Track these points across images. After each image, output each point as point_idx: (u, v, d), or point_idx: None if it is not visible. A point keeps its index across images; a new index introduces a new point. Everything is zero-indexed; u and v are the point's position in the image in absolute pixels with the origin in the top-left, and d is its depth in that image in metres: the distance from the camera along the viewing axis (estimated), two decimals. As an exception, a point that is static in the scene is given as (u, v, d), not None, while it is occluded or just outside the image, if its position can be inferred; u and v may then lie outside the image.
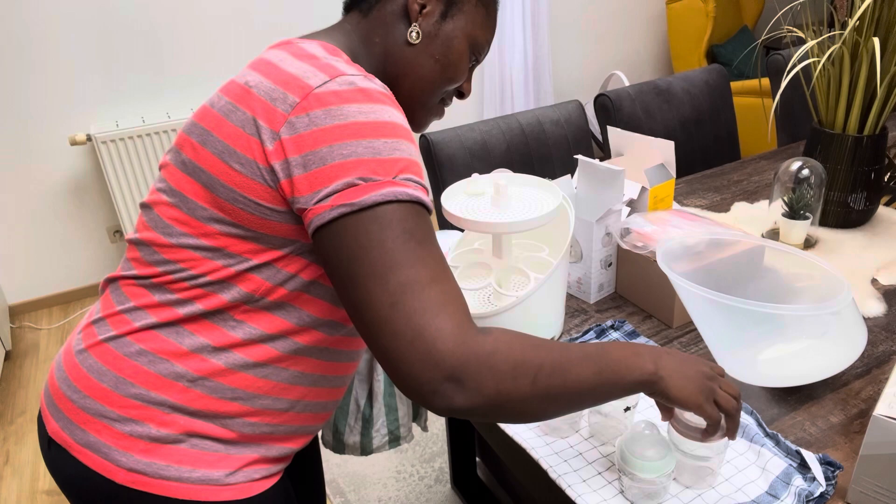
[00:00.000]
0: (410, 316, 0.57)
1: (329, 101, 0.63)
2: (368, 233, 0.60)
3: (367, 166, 0.61)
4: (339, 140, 0.61)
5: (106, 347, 0.72)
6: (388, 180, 0.62)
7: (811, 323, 0.86)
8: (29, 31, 2.42)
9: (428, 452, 1.94)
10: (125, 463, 0.69)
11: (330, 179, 0.61)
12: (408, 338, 0.57)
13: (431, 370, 0.56)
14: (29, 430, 2.14)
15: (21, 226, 2.65)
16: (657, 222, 1.13)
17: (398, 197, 0.61)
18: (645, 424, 0.75)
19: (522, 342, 0.61)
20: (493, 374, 0.58)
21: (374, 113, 0.63)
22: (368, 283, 0.59)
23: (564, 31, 3.53)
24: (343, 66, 0.66)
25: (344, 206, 0.60)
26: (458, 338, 0.57)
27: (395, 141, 0.63)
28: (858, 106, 1.27)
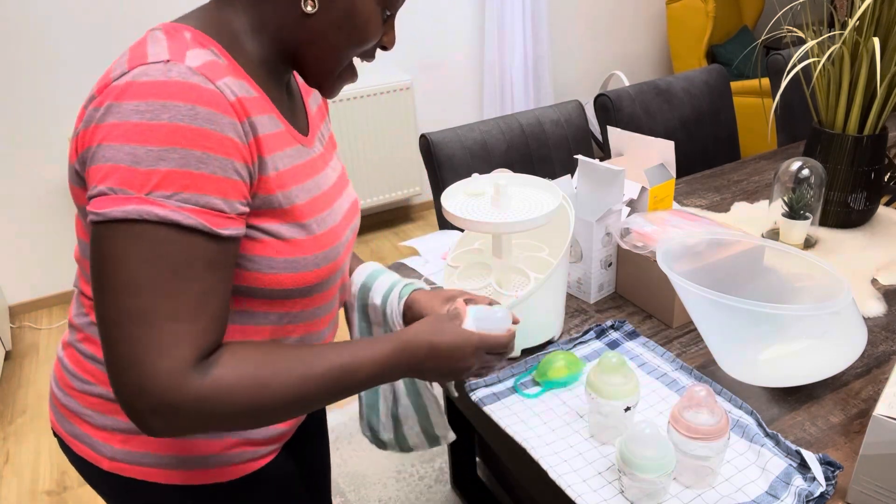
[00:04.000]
0: (132, 344, 0.56)
1: (112, 96, 0.57)
2: (114, 246, 0.56)
3: (120, 175, 0.55)
4: (106, 140, 0.56)
5: (71, 351, 0.76)
6: (138, 196, 0.55)
7: (811, 323, 0.86)
8: (29, 31, 2.42)
9: (428, 452, 1.94)
10: (106, 452, 0.73)
11: (91, 180, 0.58)
12: (123, 364, 0.56)
13: (139, 402, 0.56)
14: (29, 430, 2.14)
15: (21, 226, 2.65)
16: (657, 222, 1.13)
17: (144, 216, 0.55)
18: (645, 424, 0.75)
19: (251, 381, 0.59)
20: (201, 418, 0.58)
21: (152, 112, 0.56)
22: (107, 296, 0.56)
23: (564, 31, 3.53)
24: (156, 52, 0.59)
25: (93, 214, 0.57)
26: (173, 381, 0.56)
27: (162, 150, 0.55)
28: (858, 106, 1.27)
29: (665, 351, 1.02)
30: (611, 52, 3.73)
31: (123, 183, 0.56)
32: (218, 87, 0.59)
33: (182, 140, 0.56)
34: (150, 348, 0.56)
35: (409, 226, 3.32)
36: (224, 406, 0.58)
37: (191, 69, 0.58)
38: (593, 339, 1.07)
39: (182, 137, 0.56)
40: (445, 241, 1.42)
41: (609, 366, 0.83)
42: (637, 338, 1.06)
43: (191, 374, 0.57)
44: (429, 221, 3.35)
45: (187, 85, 0.57)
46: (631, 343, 1.05)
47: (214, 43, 0.64)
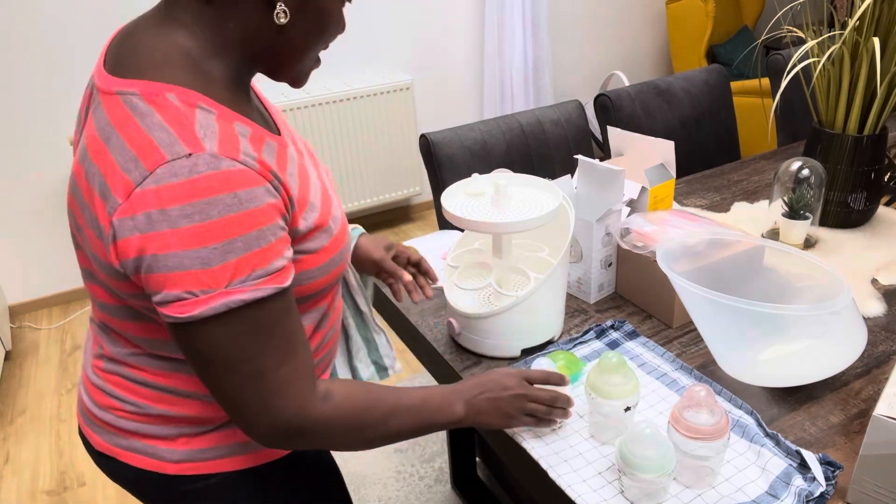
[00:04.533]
0: (256, 397, 0.64)
1: (150, 203, 0.56)
2: (212, 338, 0.61)
3: (195, 279, 0.57)
4: (165, 250, 0.57)
5: (115, 378, 0.76)
6: (220, 291, 0.58)
7: (811, 323, 0.86)
8: (29, 32, 2.42)
9: (428, 452, 1.94)
10: (171, 457, 0.76)
11: (159, 287, 0.58)
12: (252, 411, 0.65)
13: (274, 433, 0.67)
14: (29, 430, 2.14)
15: (21, 226, 2.65)
16: (657, 222, 1.13)
17: (231, 307, 0.59)
18: (645, 424, 0.75)
19: (359, 404, 0.71)
20: (326, 436, 0.69)
21: (200, 213, 0.56)
22: (220, 375, 0.63)
23: (564, 31, 3.53)
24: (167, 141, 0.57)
25: (176, 318, 0.59)
26: (300, 410, 0.66)
27: (225, 244, 0.57)
28: (858, 106, 1.27)
29: (665, 351, 1.02)
30: (611, 52, 3.73)
31: (202, 285, 0.58)
32: (244, 163, 0.60)
33: (238, 229, 0.58)
34: (273, 395, 0.64)
35: (409, 226, 3.32)
36: (342, 426, 0.69)
37: (215, 156, 0.58)
38: (593, 339, 1.07)
39: (238, 226, 0.58)
40: (445, 241, 1.41)
41: (609, 366, 0.83)
42: (637, 338, 1.06)
43: (311, 401, 0.67)
44: (429, 221, 3.35)
45: (220, 175, 0.57)
46: (631, 343, 1.05)
47: (196, 95, 0.61)
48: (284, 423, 0.66)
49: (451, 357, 1.05)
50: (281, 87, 2.91)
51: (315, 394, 0.68)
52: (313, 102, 2.84)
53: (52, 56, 2.48)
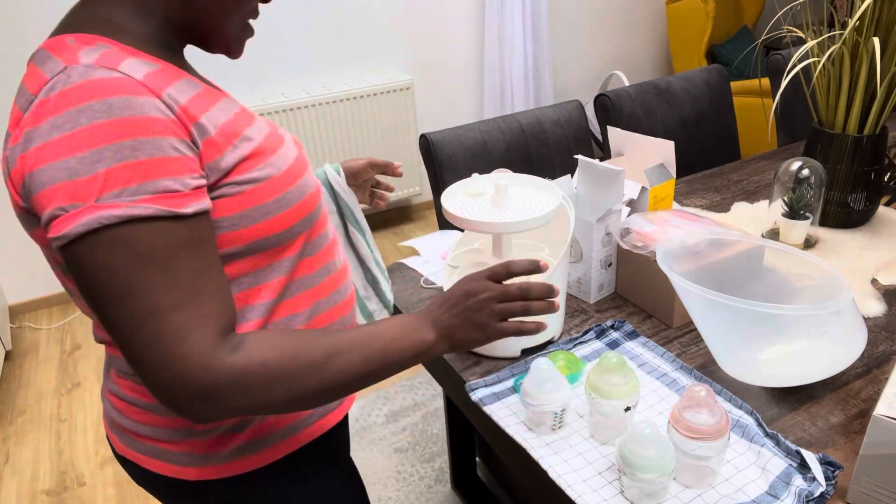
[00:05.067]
0: (151, 345, 0.57)
1: (30, 122, 0.57)
2: (89, 261, 0.56)
3: (63, 193, 0.55)
4: (37, 165, 0.56)
5: (127, 382, 0.75)
6: (90, 205, 0.55)
7: (811, 323, 0.86)
8: (29, 32, 2.42)
9: (428, 452, 1.94)
10: (186, 461, 0.74)
11: (39, 209, 0.57)
12: (152, 364, 0.57)
13: (179, 392, 0.57)
14: (29, 429, 2.14)
15: (21, 226, 2.65)
16: (657, 222, 1.13)
17: (103, 222, 0.55)
18: (645, 424, 0.75)
19: (279, 352, 0.61)
20: (243, 391, 0.59)
21: (69, 121, 0.55)
22: (106, 309, 0.57)
23: (564, 31, 3.53)
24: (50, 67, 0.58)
25: (56, 239, 0.56)
26: (204, 362, 0.57)
27: (93, 152, 0.55)
28: (858, 106, 1.27)
29: (665, 351, 1.02)
30: (611, 52, 3.73)
31: (70, 198, 0.55)
32: (121, 72, 0.58)
33: (107, 136, 0.55)
34: (167, 342, 0.57)
35: (409, 226, 3.32)
36: (260, 378, 0.60)
37: (88, 66, 0.57)
38: (593, 339, 1.07)
39: (106, 134, 0.55)
40: (445, 241, 1.42)
41: (609, 366, 0.83)
42: (637, 338, 1.06)
43: (218, 351, 0.58)
44: (429, 221, 3.35)
45: (91, 82, 0.56)
46: (631, 343, 1.05)
47: (99, 38, 0.62)
48: (188, 380, 0.57)
49: (451, 357, 1.05)
50: (281, 88, 2.91)
51: (223, 344, 0.59)
52: (313, 102, 2.84)
53: (52, 56, 2.48)
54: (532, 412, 0.87)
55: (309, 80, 2.97)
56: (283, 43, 2.85)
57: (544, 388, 0.85)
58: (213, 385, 0.58)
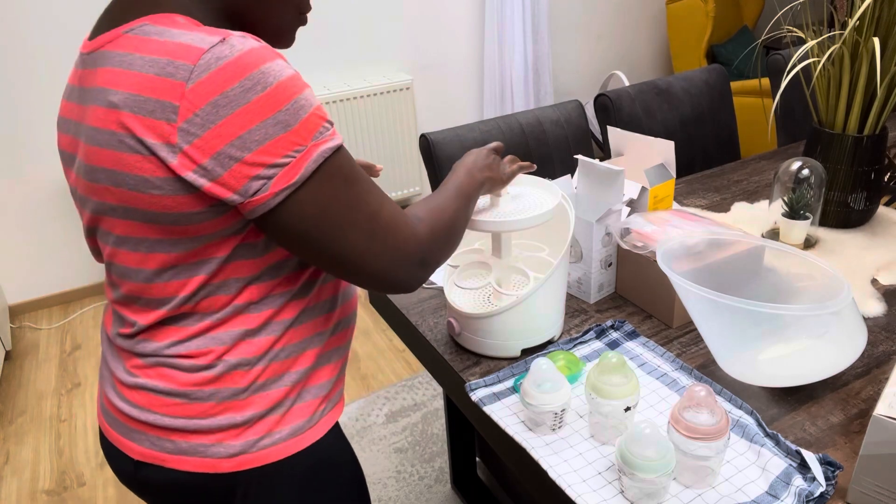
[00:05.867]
0: (384, 239, 0.69)
1: (210, 92, 0.59)
2: (319, 200, 0.64)
3: (284, 143, 0.61)
4: (242, 129, 0.60)
5: (161, 370, 0.74)
6: (310, 145, 0.63)
7: (811, 323, 0.86)
8: (29, 32, 2.42)
9: (428, 452, 1.94)
10: (224, 452, 0.74)
11: (256, 168, 0.61)
12: (384, 254, 0.69)
13: (410, 269, 0.71)
14: (29, 430, 2.15)
15: (21, 226, 2.65)
16: (657, 222, 1.13)
17: (324, 156, 0.64)
18: (645, 424, 0.75)
19: (435, 213, 0.77)
20: (440, 248, 0.76)
21: (261, 83, 0.60)
22: (335, 230, 0.66)
23: (564, 31, 3.53)
24: (196, 39, 0.61)
25: (285, 190, 0.62)
26: (415, 237, 0.72)
27: (293, 102, 0.61)
28: (858, 106, 1.27)
29: (665, 351, 1.02)
30: (611, 52, 3.73)
31: (293, 145, 0.62)
32: (262, 43, 0.63)
33: (294, 90, 0.62)
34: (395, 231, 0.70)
35: (409, 226, 3.31)
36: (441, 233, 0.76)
37: (243, 36, 0.62)
38: (593, 339, 1.07)
39: (293, 87, 0.62)
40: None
41: (609, 366, 0.83)
42: (637, 338, 1.06)
43: (417, 226, 0.73)
44: (429, 221, 3.35)
45: (255, 50, 0.61)
46: (631, 343, 1.05)
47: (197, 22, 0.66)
48: (411, 255, 0.71)
49: (451, 357, 1.05)
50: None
51: (413, 221, 0.73)
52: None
53: (53, 56, 2.48)
54: (532, 412, 0.87)
55: (309, 80, 2.97)
56: (283, 43, 2.85)
57: (544, 388, 0.85)
58: (426, 252, 0.73)
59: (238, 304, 0.72)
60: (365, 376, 2.28)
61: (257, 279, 0.72)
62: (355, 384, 2.25)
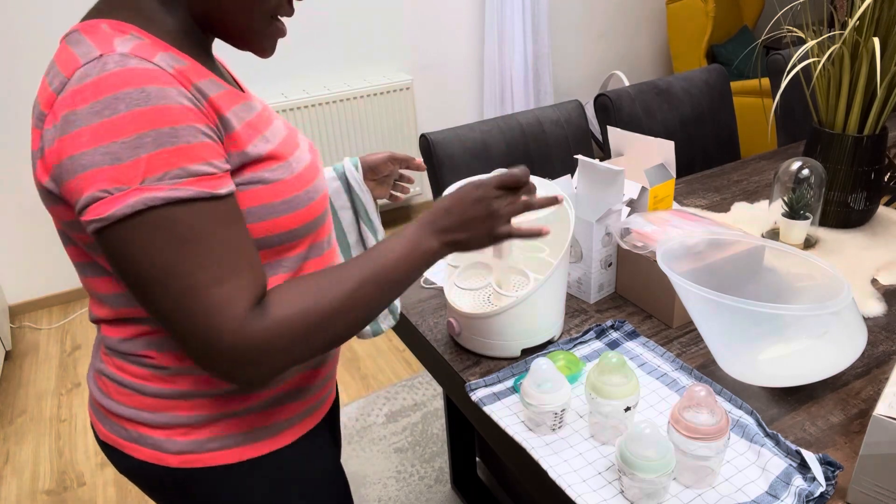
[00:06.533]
0: (193, 320, 0.60)
1: (64, 106, 0.58)
2: (132, 243, 0.58)
3: (107, 176, 0.57)
4: (77, 150, 0.57)
5: (113, 360, 0.76)
6: (135, 188, 0.57)
7: (811, 323, 0.86)
8: (28, 32, 2.42)
9: (428, 452, 1.94)
10: (172, 448, 0.75)
11: (78, 192, 0.58)
12: (192, 338, 0.61)
13: (223, 362, 0.62)
14: (29, 429, 2.14)
15: (21, 226, 2.65)
16: (657, 222, 1.13)
17: (148, 204, 0.57)
18: (645, 424, 0.75)
19: (300, 306, 0.64)
20: (278, 350, 0.63)
21: (109, 108, 0.57)
22: (147, 288, 0.60)
23: (564, 31, 3.53)
24: (84, 52, 0.60)
25: (96, 222, 0.58)
26: (239, 332, 0.61)
27: (135, 137, 0.57)
28: (858, 106, 1.27)
29: (665, 351, 1.02)
30: (611, 52, 3.73)
31: (114, 181, 0.57)
32: (156, 64, 0.60)
33: (147, 123, 0.57)
34: (207, 316, 0.60)
35: (409, 226, 3.32)
36: (291, 334, 0.63)
37: (124, 55, 0.59)
38: (593, 339, 1.07)
39: (146, 121, 0.57)
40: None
41: (609, 366, 0.83)
42: (637, 338, 1.06)
43: (250, 322, 0.61)
44: (429, 221, 3.35)
45: (128, 71, 0.58)
46: (631, 343, 1.05)
47: (132, 27, 0.64)
48: (228, 350, 0.61)
49: (451, 357, 1.05)
50: (281, 87, 2.91)
51: (254, 311, 0.62)
52: (313, 102, 2.84)
53: (52, 56, 2.48)
54: (532, 412, 0.87)
55: (309, 80, 2.97)
56: (283, 43, 2.85)
57: (544, 388, 0.85)
58: (249, 351, 0.61)
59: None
60: (365, 376, 2.28)
61: None
62: (355, 384, 2.25)
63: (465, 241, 0.74)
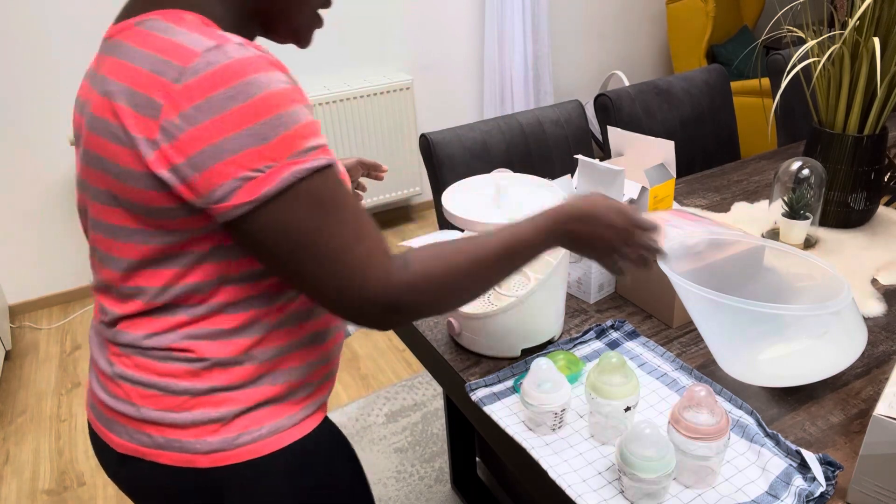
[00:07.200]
0: (345, 276, 0.64)
1: (195, 95, 0.60)
2: (282, 221, 0.62)
3: (256, 155, 0.60)
4: (219, 136, 0.59)
5: (139, 360, 0.74)
6: (284, 163, 0.61)
7: (811, 323, 0.86)
8: (30, 31, 2.42)
9: (428, 452, 1.94)
10: (201, 448, 0.74)
11: (223, 177, 0.60)
12: (346, 291, 0.65)
13: (373, 310, 0.66)
14: (29, 430, 2.15)
15: (21, 226, 2.65)
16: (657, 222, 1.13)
17: (297, 176, 0.61)
18: (645, 424, 0.75)
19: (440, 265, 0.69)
20: (418, 301, 0.68)
21: (244, 93, 0.60)
22: (295, 257, 0.64)
23: (564, 31, 3.53)
24: (194, 41, 0.62)
25: (247, 204, 0.61)
26: (387, 282, 0.66)
27: (275, 116, 0.60)
28: (858, 106, 1.27)
29: (665, 351, 1.02)
30: (611, 52, 3.73)
31: (265, 160, 0.60)
32: (261, 53, 0.63)
33: (280, 104, 0.61)
34: (358, 270, 0.65)
35: (410, 226, 3.32)
36: (431, 286, 0.68)
37: (241, 45, 0.62)
38: (593, 339, 1.07)
39: (279, 102, 0.61)
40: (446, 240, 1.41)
41: (609, 366, 0.83)
42: (637, 338, 1.06)
43: (394, 271, 0.66)
44: (429, 221, 3.35)
45: (250, 59, 0.61)
46: (631, 343, 1.05)
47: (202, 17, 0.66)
48: (378, 299, 0.66)
49: (451, 357, 1.05)
50: (281, 87, 2.91)
51: (394, 264, 0.67)
52: (313, 102, 2.84)
53: (53, 57, 2.48)
54: (532, 412, 0.87)
55: (309, 81, 2.97)
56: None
57: (544, 388, 0.85)
58: (396, 300, 0.66)
59: (214, 304, 0.72)
60: (365, 376, 2.28)
61: (234, 281, 0.71)
62: (355, 384, 2.25)
63: (580, 250, 0.79)
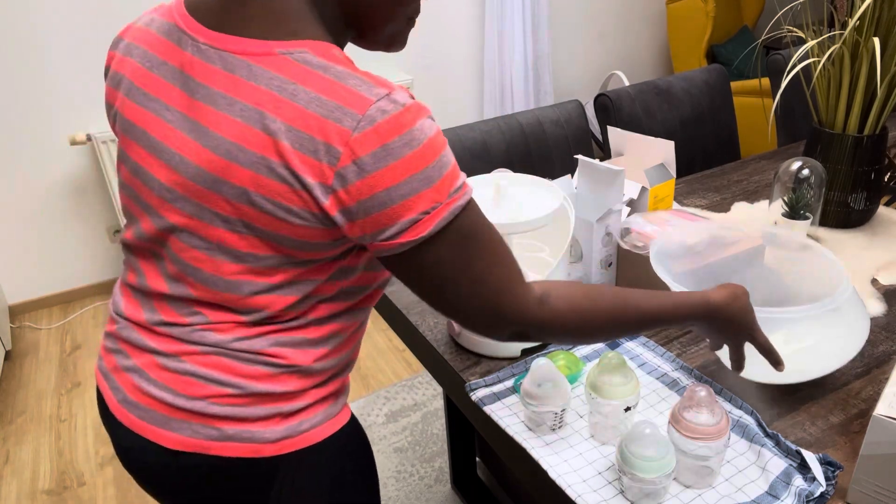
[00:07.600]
0: (487, 298, 0.70)
1: (371, 143, 0.63)
2: (438, 253, 0.67)
3: (426, 198, 0.64)
4: (397, 180, 0.63)
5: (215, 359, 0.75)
6: (445, 202, 0.66)
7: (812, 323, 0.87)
8: (29, 31, 2.42)
9: (428, 452, 1.94)
10: (269, 436, 0.76)
11: (393, 219, 0.65)
12: (483, 313, 0.71)
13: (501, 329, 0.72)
14: (29, 430, 2.14)
15: (21, 226, 2.65)
16: (657, 222, 1.13)
17: (455, 213, 0.66)
18: (645, 424, 0.75)
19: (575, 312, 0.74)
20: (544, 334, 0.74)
21: (416, 139, 0.64)
22: (447, 284, 0.69)
23: (564, 31, 3.53)
24: (364, 87, 0.64)
25: (412, 242, 0.65)
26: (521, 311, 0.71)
27: (439, 158, 0.65)
28: (858, 106, 1.27)
29: (665, 351, 1.02)
30: (611, 52, 3.73)
31: (432, 202, 0.65)
32: (415, 99, 0.67)
33: (440, 146, 0.66)
34: (498, 294, 0.70)
35: (409, 226, 3.31)
36: (560, 328, 0.74)
37: (401, 91, 0.66)
38: (593, 339, 1.07)
39: (438, 144, 0.66)
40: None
41: (609, 366, 0.83)
42: (637, 337, 1.06)
43: (530, 303, 0.71)
44: (429, 221, 3.35)
45: (413, 107, 0.65)
46: (631, 343, 1.05)
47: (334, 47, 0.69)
48: (508, 323, 0.71)
49: (451, 357, 1.05)
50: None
51: (530, 294, 0.72)
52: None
53: (53, 56, 2.48)
54: (532, 412, 0.87)
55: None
56: (283, 43, 2.85)
57: (544, 388, 0.85)
58: (525, 328, 0.72)
59: (306, 319, 0.76)
60: (365, 376, 2.28)
61: (331, 300, 0.76)
62: (355, 384, 2.25)
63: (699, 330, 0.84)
